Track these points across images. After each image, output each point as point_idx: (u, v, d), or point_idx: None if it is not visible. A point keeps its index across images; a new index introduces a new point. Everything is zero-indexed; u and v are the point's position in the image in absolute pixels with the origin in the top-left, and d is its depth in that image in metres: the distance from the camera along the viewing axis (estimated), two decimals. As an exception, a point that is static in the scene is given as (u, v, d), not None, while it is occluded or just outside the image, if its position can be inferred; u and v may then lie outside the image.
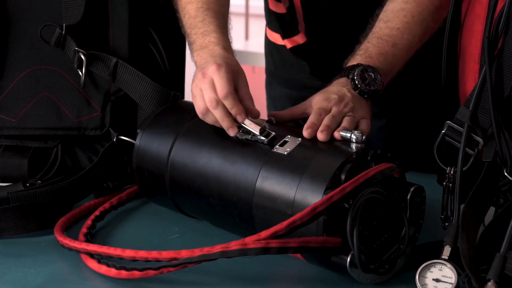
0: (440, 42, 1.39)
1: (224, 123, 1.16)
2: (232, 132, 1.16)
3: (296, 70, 1.63)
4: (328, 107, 1.19)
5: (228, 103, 1.16)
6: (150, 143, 1.24)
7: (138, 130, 1.27)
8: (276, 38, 1.64)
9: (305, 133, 1.13)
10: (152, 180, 1.25)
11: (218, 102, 1.16)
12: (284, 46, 1.62)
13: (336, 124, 1.15)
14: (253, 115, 1.17)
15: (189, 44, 1.33)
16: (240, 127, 1.16)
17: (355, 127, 1.16)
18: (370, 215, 1.05)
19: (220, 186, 1.14)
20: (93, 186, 1.33)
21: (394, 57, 1.28)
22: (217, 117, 1.16)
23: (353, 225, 1.01)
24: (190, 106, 1.29)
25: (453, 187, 1.10)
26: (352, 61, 1.27)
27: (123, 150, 1.36)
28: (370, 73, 1.24)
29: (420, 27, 1.31)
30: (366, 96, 1.23)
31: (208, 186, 1.15)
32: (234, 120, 1.16)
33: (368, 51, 1.28)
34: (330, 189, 1.02)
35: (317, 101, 1.22)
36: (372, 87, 1.23)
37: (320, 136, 1.12)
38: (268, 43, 1.70)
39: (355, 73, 1.23)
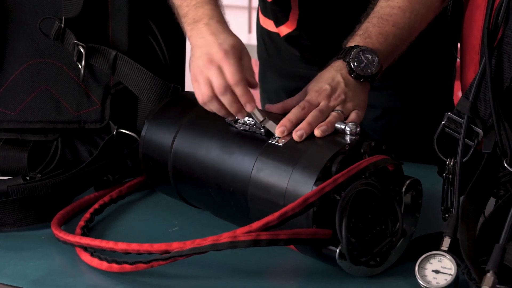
0: (437, 33, 1.39)
1: (233, 108, 1.13)
2: (241, 116, 1.14)
3: (289, 59, 1.61)
4: (317, 100, 1.16)
5: (239, 90, 1.12)
6: (155, 134, 1.25)
7: (145, 120, 1.27)
8: (269, 24, 1.62)
9: (277, 131, 1.11)
10: (157, 170, 1.25)
11: (227, 88, 1.13)
12: (277, 34, 1.60)
13: (322, 119, 1.12)
14: (253, 86, 1.15)
15: (180, 17, 1.27)
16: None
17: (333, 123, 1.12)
18: (363, 208, 1.04)
19: (218, 176, 1.14)
20: (93, 179, 1.32)
21: (395, 37, 1.25)
22: (226, 103, 1.13)
23: (342, 217, 1.01)
24: (195, 97, 1.29)
25: (453, 179, 1.10)
26: (351, 42, 1.23)
27: (123, 143, 1.36)
28: (367, 55, 1.20)
29: (422, 6, 1.27)
30: (362, 79, 1.20)
31: (207, 177, 1.16)
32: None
33: (367, 31, 1.24)
34: (320, 180, 1.02)
35: (308, 91, 1.19)
36: (369, 70, 1.19)
37: (295, 136, 1.10)
38: (261, 30, 1.68)
39: (351, 55, 1.19)
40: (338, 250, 1.03)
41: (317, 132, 1.10)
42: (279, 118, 1.15)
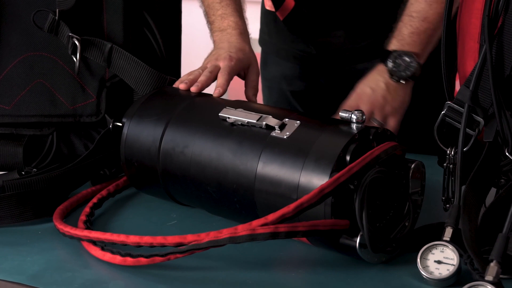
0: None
1: (203, 78, 1.28)
2: (195, 88, 1.27)
3: (290, 40, 1.64)
4: (356, 106, 1.27)
5: (221, 76, 1.29)
6: (139, 132, 1.21)
7: (124, 119, 1.24)
8: (271, 5, 1.64)
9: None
10: (143, 171, 1.22)
11: (214, 68, 1.30)
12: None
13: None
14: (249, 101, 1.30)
15: (207, 23, 1.46)
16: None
17: None
18: (374, 195, 1.04)
19: (218, 173, 1.12)
20: (89, 173, 1.31)
21: (426, 32, 1.34)
22: (204, 73, 1.29)
23: (362, 206, 1.00)
24: (178, 91, 1.28)
25: (454, 168, 1.09)
26: (389, 46, 1.34)
27: (119, 137, 1.34)
28: (405, 58, 1.31)
29: None
30: (404, 81, 1.30)
31: (205, 174, 1.13)
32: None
33: (400, 32, 1.35)
34: (335, 171, 1.01)
35: (352, 93, 1.30)
36: (408, 72, 1.30)
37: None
38: (265, 13, 1.70)
39: (390, 60, 1.31)
40: (358, 240, 1.02)
41: None
42: (272, 111, 1.14)
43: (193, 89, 1.27)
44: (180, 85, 1.28)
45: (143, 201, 1.30)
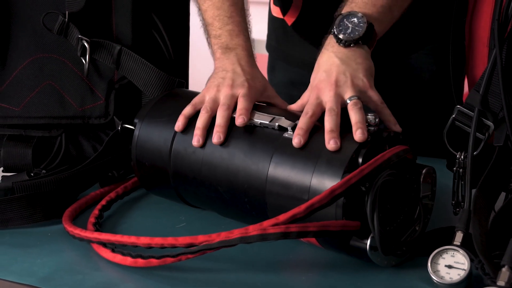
0: (444, 27, 1.38)
1: (222, 115, 1.15)
2: (216, 137, 1.14)
3: (298, 46, 1.61)
4: (317, 99, 1.12)
5: (243, 100, 1.16)
6: (151, 133, 1.22)
7: (136, 120, 1.24)
8: (278, 12, 1.62)
9: (295, 143, 1.06)
10: (154, 171, 1.23)
11: (232, 99, 1.17)
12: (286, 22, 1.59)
13: (338, 118, 1.08)
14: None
15: (209, 36, 1.31)
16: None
17: (362, 110, 1.09)
18: (385, 198, 1.04)
19: (229, 174, 1.12)
20: (98, 175, 1.31)
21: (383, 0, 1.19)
22: (220, 110, 1.16)
23: (373, 208, 1.00)
24: (189, 94, 1.28)
25: (463, 172, 1.09)
26: (337, 13, 1.19)
27: (128, 139, 1.34)
28: (352, 19, 1.15)
29: None
30: (353, 45, 1.15)
31: (215, 175, 1.14)
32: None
33: (353, 0, 1.20)
34: (347, 173, 1.01)
35: (310, 88, 1.16)
36: (356, 33, 1.14)
37: (329, 147, 1.05)
38: (272, 19, 1.67)
39: (334, 25, 1.16)
40: (368, 242, 1.02)
41: (329, 147, 1.05)
42: (284, 114, 1.14)
43: (215, 140, 1.14)
44: (194, 140, 1.15)
45: (152, 203, 1.30)
